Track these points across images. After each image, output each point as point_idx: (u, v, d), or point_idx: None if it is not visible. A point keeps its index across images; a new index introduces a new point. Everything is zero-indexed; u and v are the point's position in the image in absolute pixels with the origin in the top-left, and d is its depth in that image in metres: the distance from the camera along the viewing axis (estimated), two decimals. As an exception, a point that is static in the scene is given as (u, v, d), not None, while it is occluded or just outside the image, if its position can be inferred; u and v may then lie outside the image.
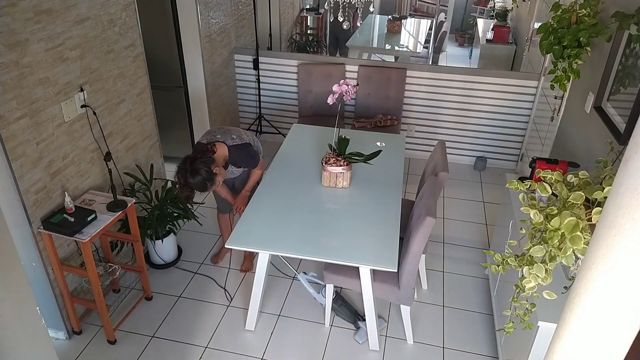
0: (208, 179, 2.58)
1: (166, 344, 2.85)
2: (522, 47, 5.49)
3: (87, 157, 2.81)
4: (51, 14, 2.41)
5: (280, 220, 2.68)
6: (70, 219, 2.51)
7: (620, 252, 0.89)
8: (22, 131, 2.33)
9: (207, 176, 2.57)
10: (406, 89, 4.56)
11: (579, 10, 2.75)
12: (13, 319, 1.49)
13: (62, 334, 2.84)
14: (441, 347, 2.88)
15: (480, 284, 3.34)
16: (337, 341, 2.90)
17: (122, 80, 3.05)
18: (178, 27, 4.04)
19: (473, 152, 4.77)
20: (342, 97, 2.72)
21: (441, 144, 3.13)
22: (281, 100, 4.95)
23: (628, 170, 0.86)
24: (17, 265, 1.48)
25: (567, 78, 2.86)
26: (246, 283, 3.28)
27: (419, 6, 8.81)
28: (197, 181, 2.56)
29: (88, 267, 2.57)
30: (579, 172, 1.82)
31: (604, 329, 0.98)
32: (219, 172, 2.66)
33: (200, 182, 2.57)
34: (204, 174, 2.56)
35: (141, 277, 3.09)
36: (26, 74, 2.31)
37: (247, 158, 2.90)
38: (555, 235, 1.57)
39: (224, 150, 2.77)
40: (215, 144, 2.75)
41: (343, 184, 2.97)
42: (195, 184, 2.58)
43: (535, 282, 1.64)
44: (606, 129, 2.50)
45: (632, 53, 2.38)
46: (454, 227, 3.90)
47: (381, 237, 2.58)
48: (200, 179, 2.56)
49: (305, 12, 7.10)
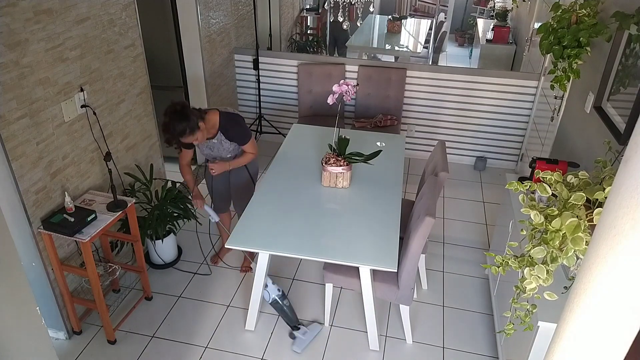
0: (191, 128, 2.62)
1: (166, 344, 2.85)
2: (522, 47, 5.49)
3: (87, 157, 2.81)
4: (51, 14, 2.41)
5: (280, 220, 2.68)
6: (70, 219, 2.50)
7: (620, 252, 0.89)
8: (22, 131, 2.33)
9: (192, 125, 2.62)
10: (406, 89, 4.56)
11: (579, 10, 2.75)
12: (13, 319, 1.49)
13: (62, 334, 2.83)
14: (441, 347, 2.88)
15: (480, 284, 3.34)
16: (337, 341, 2.90)
17: (122, 80, 3.05)
18: (178, 27, 4.04)
19: (473, 152, 4.77)
20: (342, 97, 2.72)
21: (441, 144, 3.13)
22: (281, 100, 4.95)
23: (628, 170, 0.86)
24: (17, 265, 1.48)
25: (567, 78, 2.86)
26: (246, 283, 3.28)
27: (419, 6, 8.82)
28: (181, 125, 2.60)
29: (88, 267, 2.57)
30: (579, 173, 1.82)
31: (604, 329, 0.98)
32: (202, 129, 2.70)
33: (182, 127, 2.60)
34: (190, 121, 2.60)
35: (141, 277, 3.09)
36: (26, 74, 2.31)
37: (237, 127, 2.91)
38: (557, 236, 1.57)
39: (215, 117, 2.83)
40: (207, 111, 2.83)
41: (343, 184, 2.97)
42: (177, 126, 2.60)
43: (537, 283, 1.64)
44: (606, 129, 2.50)
45: (632, 53, 2.38)
46: (454, 227, 3.90)
47: (381, 237, 2.58)
48: (185, 124, 2.60)
49: (305, 12, 7.11)
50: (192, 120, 2.62)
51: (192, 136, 2.66)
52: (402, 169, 3.20)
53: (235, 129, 2.90)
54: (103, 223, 2.57)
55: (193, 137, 2.67)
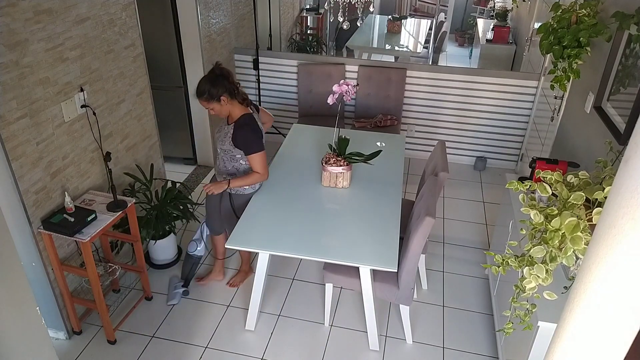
0: (210, 94, 2.58)
1: (166, 344, 2.85)
2: (522, 47, 5.49)
3: (87, 157, 2.81)
4: (51, 14, 2.41)
5: (280, 220, 2.68)
6: (70, 219, 2.50)
7: (620, 252, 0.89)
8: (22, 131, 2.33)
9: (212, 93, 2.58)
10: (406, 89, 4.56)
11: (579, 10, 2.75)
12: (13, 319, 1.49)
13: (62, 334, 2.84)
14: (441, 347, 2.88)
15: (480, 284, 3.34)
16: (337, 341, 2.90)
17: (122, 80, 3.05)
18: (178, 27, 4.04)
19: (473, 152, 4.77)
20: (342, 97, 2.72)
21: (441, 144, 3.13)
22: (281, 101, 4.95)
23: (628, 170, 0.86)
24: (17, 265, 1.48)
25: (567, 78, 2.86)
26: (246, 283, 3.28)
27: (419, 6, 8.82)
28: (204, 86, 2.58)
29: (88, 267, 2.57)
30: (579, 172, 1.82)
31: (604, 329, 0.98)
32: (223, 104, 2.63)
33: (202, 88, 2.58)
34: (214, 88, 2.57)
35: (141, 277, 3.09)
36: (26, 74, 2.31)
37: (248, 132, 2.67)
38: (556, 235, 1.57)
39: (241, 111, 2.72)
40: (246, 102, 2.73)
41: (343, 184, 2.97)
42: (200, 85, 2.59)
43: (536, 282, 1.64)
44: (606, 129, 2.50)
45: (632, 53, 2.38)
46: (454, 227, 3.90)
47: (381, 237, 2.58)
48: (206, 87, 2.57)
49: (305, 12, 7.11)
50: (216, 89, 2.56)
51: (208, 103, 2.61)
52: (402, 169, 3.20)
53: (245, 132, 2.68)
54: (103, 223, 2.57)
55: (208, 104, 2.62)
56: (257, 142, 2.71)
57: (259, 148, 2.72)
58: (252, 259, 3.40)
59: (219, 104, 2.62)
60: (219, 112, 2.67)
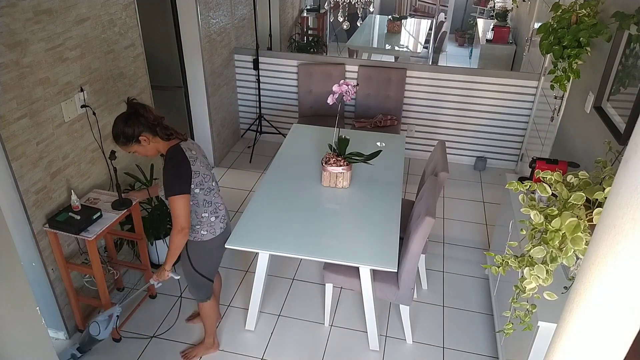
0: (127, 135, 2.17)
1: (166, 344, 2.85)
2: (522, 47, 5.49)
3: (87, 157, 2.81)
4: (51, 14, 2.41)
5: (280, 220, 2.68)
6: (76, 217, 2.51)
7: (620, 252, 0.89)
8: (22, 131, 2.33)
9: (130, 133, 2.16)
10: (406, 89, 4.56)
11: (579, 10, 2.75)
12: (13, 319, 1.49)
13: (62, 334, 2.83)
14: (441, 347, 2.88)
15: (480, 284, 3.34)
16: (337, 341, 2.90)
17: (122, 80, 3.05)
18: (178, 27, 4.04)
19: (473, 152, 4.77)
20: (342, 97, 2.72)
21: (441, 144, 3.13)
22: (281, 101, 4.95)
23: (628, 170, 0.86)
24: (17, 265, 1.48)
25: (567, 78, 2.86)
26: (246, 283, 3.28)
27: (419, 6, 8.82)
28: (117, 126, 2.18)
29: (93, 265, 2.58)
30: (579, 173, 1.82)
31: (604, 329, 0.98)
32: (145, 144, 2.20)
33: (117, 129, 2.18)
34: (129, 129, 2.16)
35: (145, 275, 3.10)
36: (26, 74, 2.31)
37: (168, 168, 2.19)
38: (556, 236, 1.57)
39: (166, 146, 2.23)
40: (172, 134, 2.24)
41: (343, 184, 2.97)
42: (115, 124, 2.20)
43: (536, 283, 1.64)
44: (606, 129, 2.50)
45: (632, 53, 2.38)
46: (454, 227, 3.90)
47: (381, 237, 2.58)
48: (120, 129, 2.17)
49: (306, 12, 7.11)
50: (131, 129, 2.16)
51: (127, 147, 2.22)
52: (402, 169, 3.20)
53: (166, 170, 2.20)
54: (109, 221, 2.58)
55: (128, 148, 2.22)
56: (176, 183, 2.17)
57: (179, 190, 2.16)
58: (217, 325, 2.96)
59: (140, 145, 2.20)
60: (144, 153, 2.25)
